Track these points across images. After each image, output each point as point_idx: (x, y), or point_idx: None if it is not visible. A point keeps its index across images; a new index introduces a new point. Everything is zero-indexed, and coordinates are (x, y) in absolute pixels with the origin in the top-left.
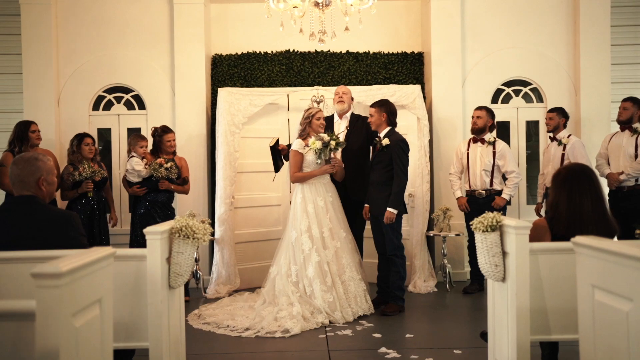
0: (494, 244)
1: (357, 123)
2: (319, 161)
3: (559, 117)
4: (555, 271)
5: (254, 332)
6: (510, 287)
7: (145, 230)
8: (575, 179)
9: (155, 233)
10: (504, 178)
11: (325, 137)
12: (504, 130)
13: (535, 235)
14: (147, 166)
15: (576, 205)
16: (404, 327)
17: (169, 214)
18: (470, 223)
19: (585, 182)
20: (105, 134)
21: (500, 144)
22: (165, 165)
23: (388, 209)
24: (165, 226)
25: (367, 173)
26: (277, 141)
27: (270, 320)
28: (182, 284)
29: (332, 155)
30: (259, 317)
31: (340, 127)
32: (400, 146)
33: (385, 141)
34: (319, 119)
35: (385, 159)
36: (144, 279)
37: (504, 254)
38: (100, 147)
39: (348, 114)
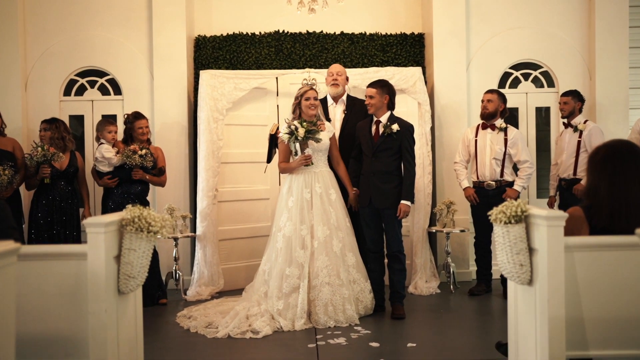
0: (519, 239)
1: (355, 107)
2: (297, 151)
3: (574, 101)
4: (595, 272)
5: (226, 332)
6: (539, 291)
7: (85, 222)
8: (618, 158)
9: (97, 225)
10: (515, 168)
11: (295, 124)
12: (512, 117)
13: (570, 227)
14: (118, 154)
15: (620, 189)
16: (404, 334)
17: (144, 206)
18: (489, 213)
19: (630, 161)
20: (77, 122)
21: (512, 130)
22: (139, 152)
23: (404, 202)
24: (113, 217)
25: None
26: (278, 129)
27: (242, 318)
28: (134, 288)
29: (306, 145)
30: (234, 312)
31: (336, 112)
32: (410, 132)
33: (395, 126)
34: (308, 99)
35: (394, 146)
36: (84, 283)
37: (531, 250)
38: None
39: (344, 97)
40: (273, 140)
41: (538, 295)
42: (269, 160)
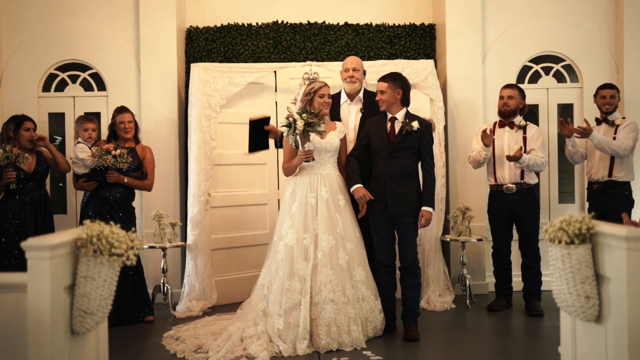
0: (584, 264)
1: (373, 104)
2: (303, 147)
3: (618, 95)
4: None
5: (217, 358)
6: (613, 332)
7: (24, 244)
8: None
9: (41, 248)
10: (537, 173)
11: (294, 116)
12: (531, 115)
13: None
14: (94, 154)
15: None
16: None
17: (126, 215)
18: (545, 229)
19: None
20: (58, 120)
21: (532, 128)
22: (113, 152)
23: (426, 208)
24: (63, 237)
25: None
26: (266, 120)
27: (236, 340)
28: (93, 327)
29: (306, 139)
30: (226, 334)
31: (352, 111)
32: (430, 131)
33: (416, 124)
34: (322, 96)
35: (413, 145)
36: (24, 323)
37: (599, 278)
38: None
39: (360, 94)
40: (257, 130)
41: (611, 337)
42: (250, 148)
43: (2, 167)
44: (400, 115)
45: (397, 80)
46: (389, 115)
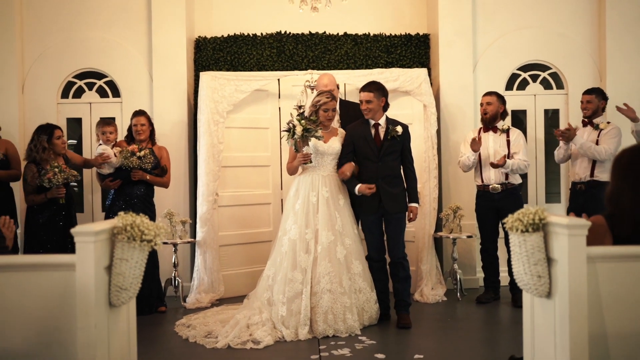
0: (537, 249)
1: (349, 112)
2: (302, 150)
3: (598, 99)
4: (619, 284)
5: (226, 342)
6: (559, 305)
7: (73, 231)
8: None
9: (87, 234)
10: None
11: (294, 122)
12: (519, 120)
13: (592, 237)
14: (117, 154)
15: None
16: (411, 345)
17: (148, 211)
18: (504, 221)
19: None
20: (76, 125)
21: (514, 132)
22: (138, 154)
23: (412, 204)
24: (103, 225)
25: None
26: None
27: (243, 327)
28: (127, 301)
29: (305, 143)
30: (234, 321)
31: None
32: (409, 134)
33: (400, 129)
34: (326, 110)
35: (398, 149)
36: (73, 296)
37: (550, 261)
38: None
39: (337, 106)
40: None
41: (558, 309)
42: None
43: (55, 186)
44: (382, 121)
45: (380, 90)
46: (372, 122)
